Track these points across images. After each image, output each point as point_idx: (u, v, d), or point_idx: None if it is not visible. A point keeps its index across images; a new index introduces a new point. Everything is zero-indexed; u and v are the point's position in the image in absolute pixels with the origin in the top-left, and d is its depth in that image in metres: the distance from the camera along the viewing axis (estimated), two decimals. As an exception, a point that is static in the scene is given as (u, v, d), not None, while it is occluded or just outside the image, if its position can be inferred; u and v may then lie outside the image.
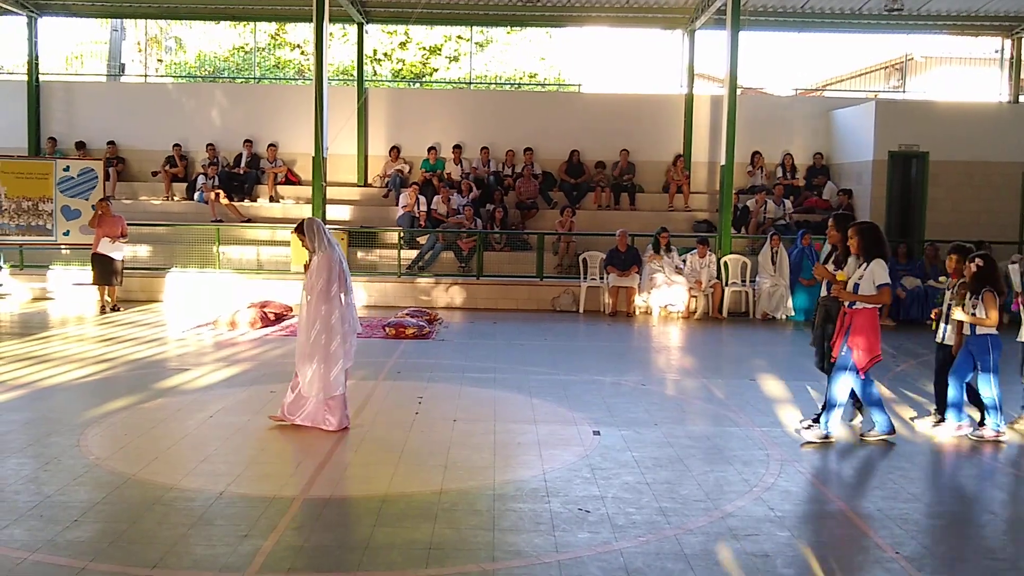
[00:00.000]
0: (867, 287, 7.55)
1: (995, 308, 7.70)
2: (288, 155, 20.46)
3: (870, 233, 7.73)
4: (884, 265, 7.57)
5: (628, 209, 19.62)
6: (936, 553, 5.39)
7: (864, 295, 7.56)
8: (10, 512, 5.63)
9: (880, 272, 7.54)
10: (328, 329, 7.71)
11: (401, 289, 16.82)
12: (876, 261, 7.59)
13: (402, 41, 31.81)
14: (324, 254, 7.76)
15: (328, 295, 7.70)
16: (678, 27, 21.05)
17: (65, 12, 21.67)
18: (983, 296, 7.73)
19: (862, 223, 7.99)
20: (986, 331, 7.79)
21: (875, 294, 7.53)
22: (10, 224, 15.83)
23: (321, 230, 7.85)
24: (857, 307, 7.62)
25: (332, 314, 7.71)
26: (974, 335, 7.86)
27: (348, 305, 7.84)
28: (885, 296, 7.54)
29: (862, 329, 7.58)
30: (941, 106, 20.06)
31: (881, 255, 7.62)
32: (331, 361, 7.71)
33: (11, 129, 20.29)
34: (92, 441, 7.30)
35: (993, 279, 7.78)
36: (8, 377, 9.65)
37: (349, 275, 7.93)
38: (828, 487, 6.67)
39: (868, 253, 7.65)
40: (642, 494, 6.31)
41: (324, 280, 7.70)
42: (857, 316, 7.62)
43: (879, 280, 7.53)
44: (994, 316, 7.70)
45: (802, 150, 20.51)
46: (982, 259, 7.82)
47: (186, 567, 4.92)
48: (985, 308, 7.71)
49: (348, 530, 5.52)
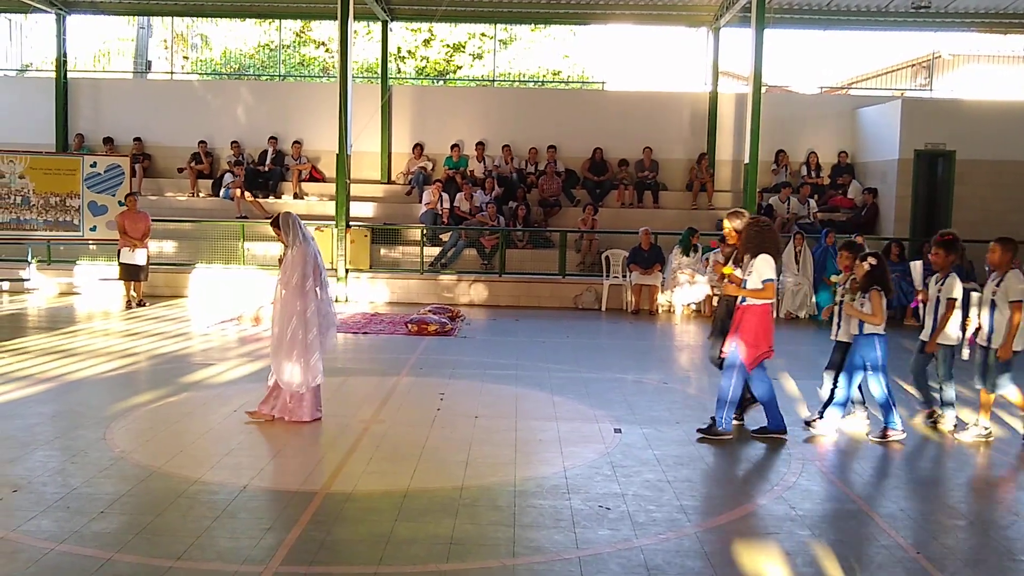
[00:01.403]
0: (753, 283, 7.54)
1: (881, 307, 7.65)
2: (312, 152, 20.57)
3: (758, 230, 7.72)
4: (769, 261, 7.54)
5: (651, 207, 19.59)
6: (957, 554, 5.36)
7: (749, 291, 7.55)
8: (38, 503, 5.71)
9: (764, 268, 7.53)
10: (304, 323, 7.73)
11: (424, 286, 16.88)
12: (761, 257, 7.57)
13: (426, 39, 31.88)
14: (299, 249, 7.79)
15: (303, 289, 7.73)
16: (703, 25, 20.99)
17: (93, 10, 21.87)
18: (870, 295, 7.69)
19: (752, 218, 8.00)
20: (873, 330, 7.73)
21: (760, 289, 7.52)
22: (38, 219, 16.00)
23: (296, 224, 7.87)
24: (746, 303, 7.61)
25: (307, 308, 7.74)
26: (861, 334, 7.80)
27: (324, 299, 7.88)
28: (768, 292, 7.52)
29: (750, 325, 7.56)
30: (968, 104, 19.89)
31: (767, 251, 7.60)
32: (308, 353, 7.74)
33: (39, 126, 20.50)
34: (118, 434, 7.38)
35: (883, 279, 7.73)
36: (36, 371, 9.76)
37: (324, 270, 7.97)
38: (849, 486, 6.65)
39: (755, 249, 7.63)
40: (663, 492, 6.31)
41: (299, 274, 7.73)
42: (746, 312, 7.60)
43: (763, 276, 7.51)
44: (880, 315, 7.65)
45: (827, 149, 20.38)
46: (875, 258, 7.78)
47: (210, 559, 4.97)
48: (872, 307, 7.66)
49: (370, 525, 5.56)
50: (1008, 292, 7.63)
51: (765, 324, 7.59)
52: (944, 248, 7.99)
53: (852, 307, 7.82)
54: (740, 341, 7.56)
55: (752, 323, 7.55)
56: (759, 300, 7.53)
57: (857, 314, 7.76)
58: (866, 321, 7.71)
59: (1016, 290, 7.58)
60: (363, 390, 9.49)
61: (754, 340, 7.53)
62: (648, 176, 20.02)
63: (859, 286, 7.81)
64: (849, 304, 7.87)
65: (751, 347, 7.54)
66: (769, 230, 7.82)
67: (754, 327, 7.54)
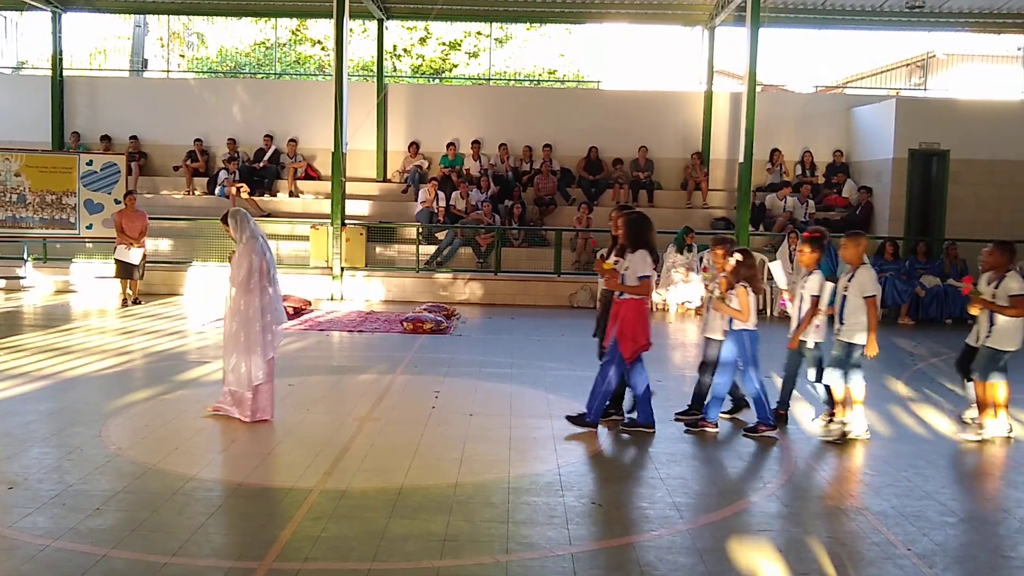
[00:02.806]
0: (631, 277, 7.61)
1: (748, 303, 7.70)
2: (308, 150, 20.58)
3: (635, 223, 7.78)
4: (646, 256, 7.62)
5: (646, 206, 19.59)
6: (947, 550, 5.40)
7: (627, 286, 7.62)
8: (33, 500, 5.73)
9: (641, 263, 7.60)
10: (245, 321, 7.72)
11: (419, 284, 16.90)
12: (639, 252, 7.64)
13: (422, 37, 31.88)
14: (246, 246, 7.80)
15: (247, 287, 7.72)
16: (698, 24, 21.03)
17: (89, 7, 21.84)
18: (737, 291, 7.74)
19: (630, 213, 8.03)
20: (742, 326, 7.77)
21: (636, 285, 7.58)
22: (34, 217, 15.99)
23: (245, 221, 7.88)
24: (624, 298, 7.67)
25: (251, 305, 7.72)
26: (731, 330, 7.85)
27: (273, 297, 7.86)
28: (644, 287, 7.59)
29: (627, 319, 7.62)
30: (962, 104, 19.94)
31: (645, 246, 7.67)
32: (248, 352, 7.73)
33: (35, 124, 20.48)
34: (114, 432, 7.40)
35: (750, 275, 7.78)
36: (32, 368, 9.78)
37: (274, 267, 7.96)
38: (842, 484, 6.69)
39: (633, 243, 7.70)
40: (655, 489, 6.35)
41: (244, 271, 7.73)
42: (623, 306, 7.66)
43: (639, 271, 7.58)
44: (747, 311, 7.69)
45: (822, 148, 20.43)
46: (742, 254, 7.83)
47: (205, 556, 5.00)
48: (739, 302, 7.71)
49: (364, 521, 5.59)
50: (863, 287, 7.61)
51: (642, 318, 7.68)
52: (810, 245, 8.01)
53: (721, 303, 7.87)
54: (620, 335, 7.64)
55: (630, 317, 7.62)
56: (636, 295, 7.61)
57: (726, 310, 7.81)
58: (734, 317, 7.76)
59: (869, 286, 7.59)
60: (358, 388, 9.52)
61: (632, 334, 7.61)
62: (643, 175, 20.06)
63: (728, 282, 7.86)
64: (718, 300, 7.91)
65: (629, 341, 7.61)
66: (647, 224, 7.87)
67: (632, 321, 7.62)
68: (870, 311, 7.56)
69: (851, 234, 7.93)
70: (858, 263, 7.72)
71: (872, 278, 7.64)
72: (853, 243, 7.79)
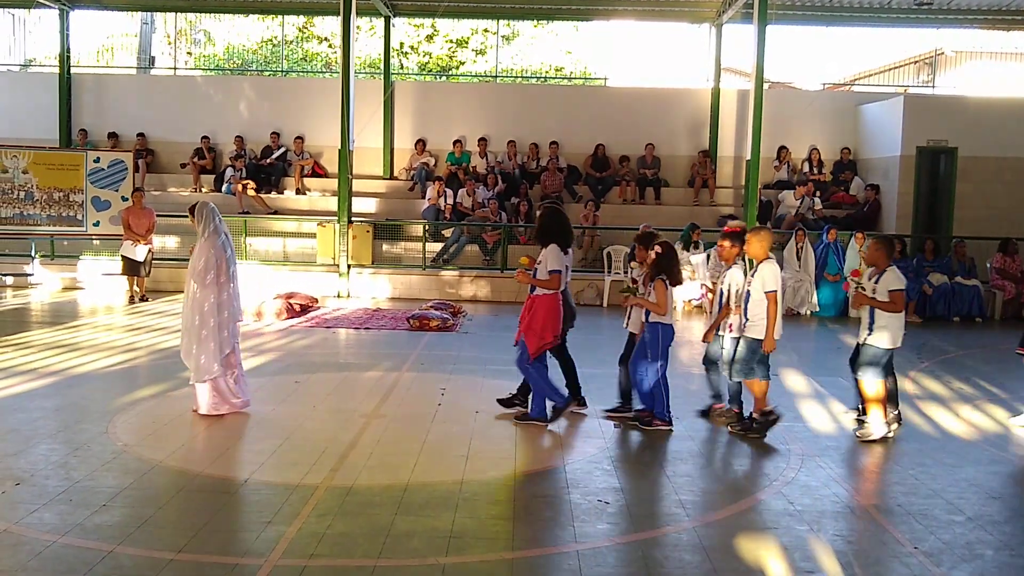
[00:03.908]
0: (542, 271, 7.67)
1: (666, 297, 7.69)
2: (315, 148, 20.59)
3: (548, 217, 7.83)
4: (556, 252, 7.65)
5: (653, 203, 19.61)
6: (954, 548, 5.39)
7: (538, 280, 7.67)
8: (40, 496, 5.75)
9: (551, 258, 7.62)
10: (201, 314, 7.75)
11: (426, 282, 16.90)
12: (550, 247, 7.68)
13: (429, 34, 31.87)
14: (207, 240, 7.84)
15: (204, 281, 7.75)
16: (705, 21, 20.98)
17: (96, 5, 21.90)
18: (655, 284, 7.74)
19: (546, 206, 8.08)
20: (657, 319, 7.76)
21: (546, 279, 7.63)
22: (41, 215, 16.04)
23: (210, 215, 7.94)
24: (536, 293, 7.70)
25: (206, 300, 7.75)
26: (648, 322, 7.84)
27: (232, 293, 7.89)
28: (554, 282, 7.61)
29: (538, 315, 7.67)
30: (971, 101, 19.89)
31: (556, 241, 7.69)
32: (203, 346, 7.76)
33: (43, 121, 20.52)
34: (120, 428, 7.42)
35: (669, 268, 7.76)
36: (39, 365, 9.81)
37: (235, 262, 7.99)
38: (848, 482, 6.67)
39: (546, 237, 7.73)
40: (662, 487, 6.35)
41: (202, 266, 7.77)
42: (535, 302, 7.72)
43: (550, 266, 7.62)
44: (664, 305, 7.68)
45: (829, 145, 20.39)
46: (661, 247, 7.81)
47: (211, 552, 5.00)
48: (656, 295, 7.71)
49: (370, 518, 5.59)
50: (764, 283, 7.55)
51: (554, 314, 7.72)
52: (730, 240, 7.98)
53: (638, 297, 7.88)
54: (527, 330, 7.70)
55: (541, 313, 7.68)
56: (547, 290, 7.65)
57: (644, 303, 7.81)
58: (651, 310, 7.75)
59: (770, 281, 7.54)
60: (364, 385, 9.52)
61: (541, 330, 7.67)
62: (650, 172, 20.03)
63: (647, 275, 7.87)
64: (636, 295, 7.92)
65: (537, 337, 7.68)
66: (561, 218, 7.90)
67: (542, 317, 7.67)
68: (770, 306, 7.53)
69: (754, 229, 7.90)
70: (763, 258, 7.70)
71: (774, 274, 7.61)
72: (756, 238, 7.74)
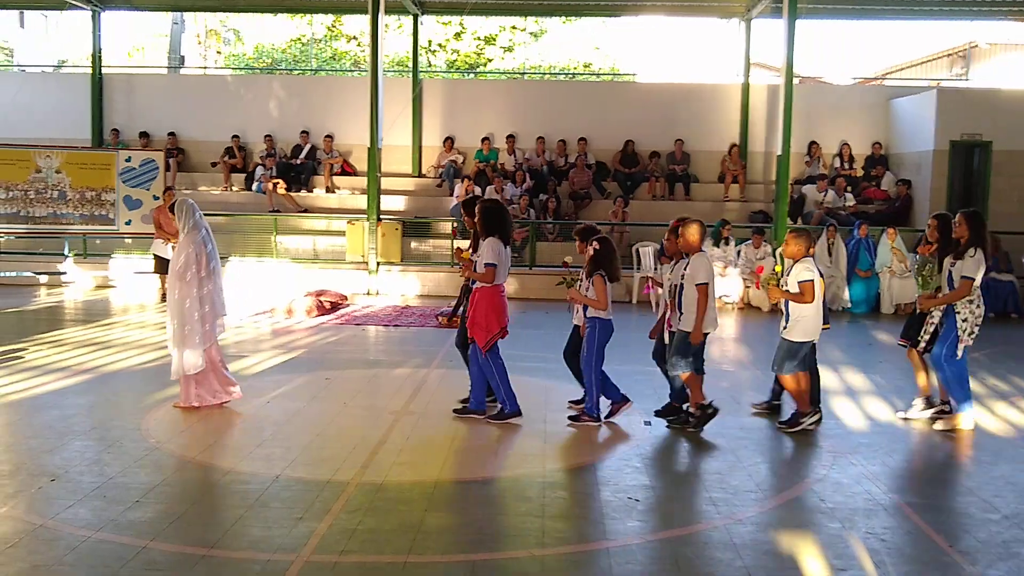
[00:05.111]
0: (480, 265, 7.67)
1: (603, 292, 7.63)
2: (344, 146, 20.67)
3: (488, 211, 7.79)
4: (493, 245, 7.63)
5: (683, 199, 19.51)
6: (990, 547, 5.31)
7: (476, 273, 7.67)
8: (75, 492, 5.81)
9: (487, 252, 7.63)
10: (182, 310, 7.81)
11: (454, 279, 16.87)
12: (488, 240, 7.68)
13: (457, 32, 31.93)
14: (187, 236, 7.90)
15: (184, 277, 7.80)
16: (735, 15, 20.84)
17: (127, 6, 22.10)
18: (593, 279, 7.67)
19: (485, 201, 8.06)
20: (595, 314, 7.71)
21: (482, 273, 7.62)
22: (74, 214, 16.21)
23: (190, 212, 8.00)
24: (478, 286, 7.71)
25: (188, 295, 7.80)
26: (587, 318, 7.79)
27: (214, 289, 7.92)
28: (489, 275, 7.60)
29: (481, 308, 7.68)
30: (1005, 94, 19.62)
31: (496, 234, 7.68)
32: (185, 341, 7.81)
33: (75, 121, 20.75)
34: (153, 425, 7.49)
35: (607, 264, 7.69)
36: (73, 362, 9.92)
37: (217, 258, 8.03)
38: (880, 479, 6.60)
39: (485, 231, 7.73)
40: (692, 484, 6.32)
41: (182, 261, 7.83)
42: (478, 294, 7.73)
43: (486, 259, 7.62)
44: (603, 300, 7.63)
45: (860, 140, 20.17)
46: (599, 242, 7.74)
47: (242, 548, 5.04)
48: (595, 291, 7.64)
49: (400, 514, 5.60)
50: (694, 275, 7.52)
51: (496, 306, 7.73)
52: (676, 234, 7.89)
53: (576, 292, 7.84)
54: (473, 323, 7.71)
55: (483, 306, 7.69)
56: (487, 283, 7.67)
57: (581, 299, 7.77)
58: (591, 306, 7.72)
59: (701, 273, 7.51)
60: (394, 382, 9.55)
61: (485, 323, 7.68)
62: (680, 168, 19.94)
63: (585, 271, 7.82)
64: (574, 289, 7.87)
65: (483, 330, 7.69)
66: (501, 213, 7.89)
67: (484, 309, 7.69)
68: (699, 298, 7.50)
69: (684, 221, 7.79)
70: (696, 250, 7.65)
71: (704, 266, 7.56)
72: (688, 231, 7.68)
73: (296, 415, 7.97)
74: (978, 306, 7.74)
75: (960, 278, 7.68)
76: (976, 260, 7.64)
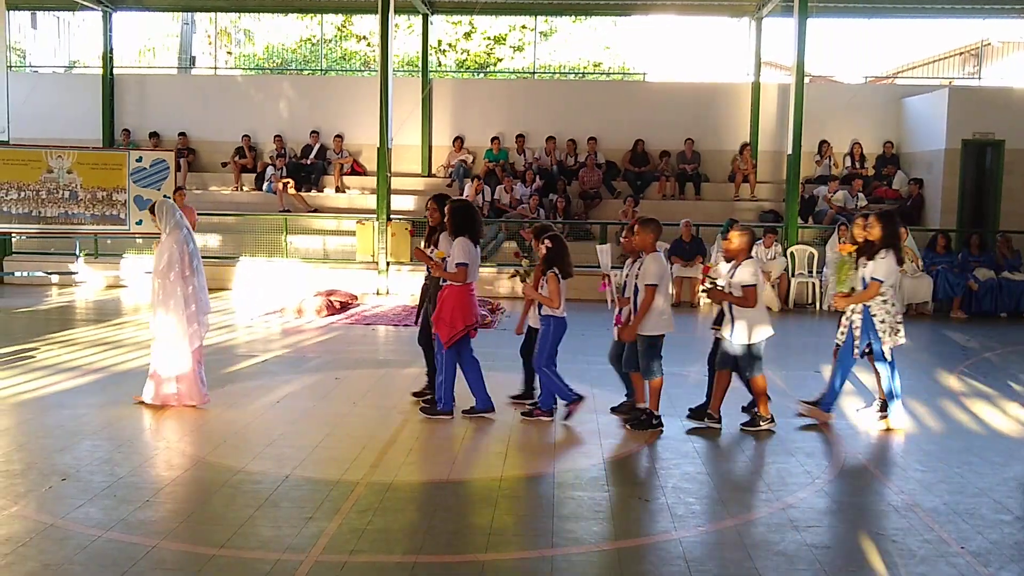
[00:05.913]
0: (450, 264, 7.71)
1: (557, 290, 7.62)
2: (354, 146, 20.69)
3: (458, 211, 7.80)
4: (464, 245, 7.66)
5: (693, 199, 19.47)
6: (1002, 548, 5.28)
7: (447, 272, 7.70)
8: (85, 492, 5.82)
9: (458, 251, 7.66)
10: (167, 310, 7.82)
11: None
12: (458, 240, 7.70)
13: (467, 31, 31.92)
14: (169, 236, 7.89)
15: (167, 277, 7.81)
16: (745, 14, 20.79)
17: (138, 6, 22.19)
18: (547, 277, 7.67)
19: (455, 201, 8.05)
20: (549, 312, 7.72)
21: (453, 272, 7.65)
22: (85, 214, 16.25)
23: (170, 212, 7.98)
24: (446, 284, 7.76)
25: (172, 295, 7.80)
26: (540, 316, 7.81)
27: (197, 288, 7.93)
28: (460, 275, 7.62)
29: (447, 306, 7.71)
30: (1018, 93, 19.50)
31: (466, 234, 7.70)
32: (171, 341, 7.82)
33: (86, 121, 20.83)
34: (163, 424, 7.51)
35: (560, 261, 7.70)
36: (84, 362, 9.95)
37: (198, 257, 8.02)
38: (892, 480, 6.58)
39: (455, 231, 7.76)
40: (702, 484, 6.30)
41: (164, 262, 7.83)
42: (445, 292, 7.77)
43: (457, 259, 7.65)
44: (556, 298, 7.62)
45: (871, 139, 20.10)
46: (551, 240, 7.75)
47: (252, 547, 5.04)
48: (548, 289, 7.64)
49: (410, 514, 5.60)
50: (644, 276, 7.54)
51: (463, 304, 7.75)
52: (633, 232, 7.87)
53: (530, 289, 7.84)
54: (439, 320, 7.74)
55: (449, 304, 7.73)
56: (454, 282, 7.70)
57: (536, 296, 7.77)
58: (544, 303, 7.73)
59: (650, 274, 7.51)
60: (403, 382, 9.54)
61: (450, 320, 7.70)
62: (690, 167, 19.90)
63: (540, 268, 7.81)
64: (528, 286, 7.88)
65: (447, 326, 7.71)
66: (471, 212, 7.90)
67: (450, 307, 7.72)
68: (646, 297, 7.50)
69: (643, 221, 7.79)
70: (650, 251, 7.63)
71: (656, 268, 7.55)
72: (643, 230, 7.68)
73: (306, 415, 7.98)
74: (892, 304, 7.82)
75: (870, 279, 7.69)
76: (887, 262, 7.68)
